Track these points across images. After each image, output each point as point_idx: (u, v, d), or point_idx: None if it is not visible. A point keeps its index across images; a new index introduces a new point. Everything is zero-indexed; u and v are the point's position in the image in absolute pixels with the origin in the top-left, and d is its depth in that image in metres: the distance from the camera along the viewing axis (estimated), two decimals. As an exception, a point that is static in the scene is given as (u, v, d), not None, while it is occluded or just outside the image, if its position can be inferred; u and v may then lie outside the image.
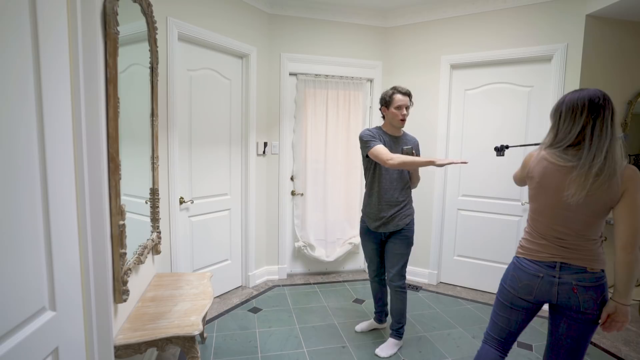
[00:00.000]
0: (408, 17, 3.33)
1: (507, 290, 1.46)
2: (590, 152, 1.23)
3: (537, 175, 1.35)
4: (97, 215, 1.22)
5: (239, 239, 3.20)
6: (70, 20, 1.08)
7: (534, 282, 1.38)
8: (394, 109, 2.18)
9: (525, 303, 1.42)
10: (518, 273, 1.42)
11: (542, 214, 1.37)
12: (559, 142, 1.31)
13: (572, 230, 1.31)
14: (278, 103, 3.29)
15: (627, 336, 2.51)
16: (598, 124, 1.24)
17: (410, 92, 2.22)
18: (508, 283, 1.46)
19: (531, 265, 1.39)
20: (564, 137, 1.29)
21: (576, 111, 1.27)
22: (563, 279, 1.32)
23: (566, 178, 1.27)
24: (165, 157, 2.41)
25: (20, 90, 0.86)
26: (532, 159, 1.39)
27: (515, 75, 2.99)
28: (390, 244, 2.27)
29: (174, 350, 2.23)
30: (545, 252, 1.36)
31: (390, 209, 2.21)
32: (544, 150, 1.36)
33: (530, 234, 1.43)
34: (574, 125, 1.27)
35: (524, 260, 1.42)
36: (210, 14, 2.68)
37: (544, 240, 1.37)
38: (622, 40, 2.76)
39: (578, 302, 1.31)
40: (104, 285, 1.27)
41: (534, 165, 1.37)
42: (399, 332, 2.33)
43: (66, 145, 1.06)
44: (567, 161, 1.27)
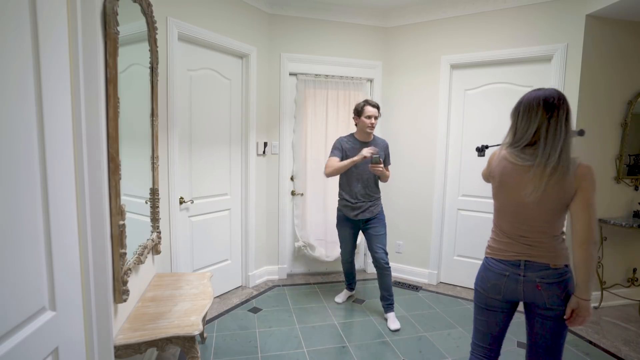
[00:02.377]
0: (408, 17, 3.33)
1: (479, 292, 1.49)
2: (545, 151, 1.26)
3: (498, 174, 1.39)
4: (97, 215, 1.22)
5: (239, 239, 3.20)
6: (70, 20, 1.08)
7: (501, 281, 1.40)
8: (364, 118, 2.59)
9: (497, 303, 1.44)
10: (486, 273, 1.45)
11: (504, 213, 1.40)
12: (517, 141, 1.34)
13: (534, 228, 1.34)
14: (278, 103, 3.29)
15: (627, 336, 2.51)
16: (552, 123, 1.26)
17: (378, 105, 2.64)
18: (479, 284, 1.49)
19: (497, 264, 1.42)
20: (521, 137, 1.33)
21: (532, 111, 1.30)
22: (527, 277, 1.35)
23: (524, 177, 1.30)
24: (165, 157, 2.41)
25: (20, 90, 0.86)
26: (494, 158, 1.43)
27: (515, 75, 2.99)
28: (371, 229, 2.69)
29: (174, 350, 2.23)
30: (511, 251, 1.39)
31: (365, 202, 2.67)
32: (504, 150, 1.39)
33: (496, 233, 1.46)
34: (530, 125, 1.30)
35: (491, 260, 1.45)
36: (210, 14, 2.68)
37: (509, 239, 1.40)
38: (622, 40, 2.76)
39: (543, 298, 1.33)
40: (104, 285, 1.27)
41: (495, 165, 1.41)
42: (392, 304, 2.72)
43: (66, 145, 1.06)
44: (524, 160, 1.31)
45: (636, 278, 2.99)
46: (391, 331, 2.53)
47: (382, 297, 2.72)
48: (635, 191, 2.96)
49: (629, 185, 2.94)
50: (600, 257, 2.92)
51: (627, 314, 2.85)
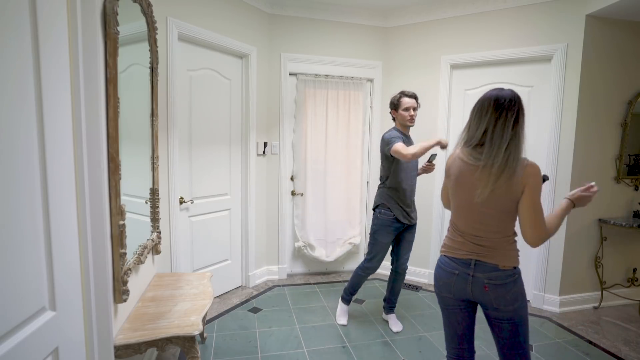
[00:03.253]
0: (408, 17, 3.33)
1: (436, 292, 1.50)
2: (490, 151, 1.29)
3: (453, 173, 1.40)
4: (97, 215, 1.22)
5: (239, 239, 3.20)
6: (70, 20, 1.08)
7: (451, 279, 1.41)
8: (402, 111, 2.40)
9: (451, 301, 1.45)
10: (438, 272, 1.47)
11: (460, 212, 1.41)
12: (469, 140, 1.37)
13: (486, 227, 1.35)
14: (278, 103, 3.29)
15: (627, 336, 2.51)
16: (499, 124, 1.28)
17: (416, 95, 2.43)
18: (435, 284, 1.50)
19: (449, 262, 1.43)
20: (472, 136, 1.35)
21: (483, 110, 1.32)
22: (476, 277, 1.36)
23: (474, 176, 1.32)
24: (165, 157, 2.40)
25: (20, 90, 0.86)
26: (449, 159, 1.45)
27: (515, 75, 2.99)
28: (407, 234, 2.55)
29: (174, 350, 2.23)
30: (463, 250, 1.40)
31: (414, 204, 2.52)
32: (458, 149, 1.41)
33: (451, 232, 1.47)
34: (480, 124, 1.32)
35: (444, 258, 1.46)
36: (210, 14, 2.68)
37: (462, 238, 1.41)
38: (622, 40, 2.76)
39: (491, 299, 1.34)
40: (104, 285, 1.27)
41: (450, 164, 1.43)
42: (395, 306, 2.68)
43: (66, 145, 1.06)
44: (475, 160, 1.32)
45: (636, 278, 2.99)
46: (394, 333, 2.51)
47: (387, 299, 2.66)
48: (635, 191, 2.96)
49: (629, 185, 2.94)
50: (600, 257, 2.92)
51: (627, 314, 2.85)
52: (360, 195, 3.59)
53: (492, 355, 2.23)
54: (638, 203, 2.95)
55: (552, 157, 2.83)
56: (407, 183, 2.43)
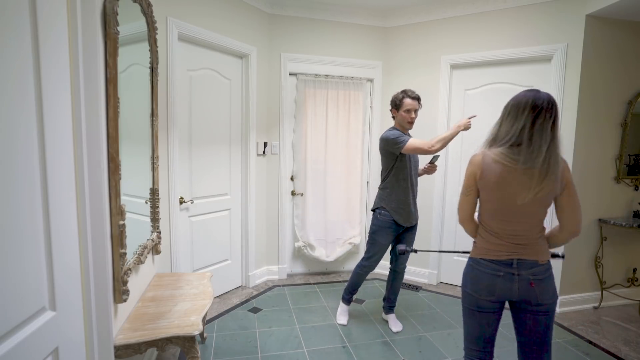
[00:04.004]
0: (408, 17, 3.33)
1: (469, 295, 1.45)
2: (529, 151, 1.28)
3: (493, 177, 1.34)
4: (97, 215, 1.22)
5: (239, 239, 3.20)
6: (70, 20, 1.08)
7: (495, 281, 1.38)
8: (403, 112, 2.36)
9: (489, 304, 1.42)
10: (478, 275, 1.42)
11: (496, 214, 1.38)
12: (500, 139, 1.35)
13: (526, 225, 1.36)
14: (278, 103, 3.29)
15: (627, 336, 2.51)
16: (538, 124, 1.28)
17: (419, 97, 2.38)
18: (469, 287, 1.45)
19: (489, 265, 1.40)
20: (505, 135, 1.34)
21: (519, 109, 1.31)
22: (521, 275, 1.36)
23: (515, 178, 1.31)
24: (165, 157, 2.40)
25: (20, 90, 0.86)
26: (482, 162, 1.37)
27: (515, 75, 2.99)
28: (408, 235, 2.52)
29: (174, 350, 2.23)
30: (502, 251, 1.38)
31: (415, 204, 2.47)
32: (489, 151, 1.37)
33: (484, 234, 1.43)
34: (516, 122, 1.31)
35: (481, 260, 1.42)
36: (210, 13, 2.67)
37: (499, 239, 1.39)
38: (622, 40, 2.76)
39: (536, 294, 1.35)
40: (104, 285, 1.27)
41: (486, 168, 1.36)
42: (394, 306, 2.67)
43: (66, 145, 1.06)
44: (512, 160, 1.31)
45: (636, 278, 2.99)
46: (394, 333, 2.51)
47: (387, 298, 2.66)
48: (635, 191, 2.96)
49: (629, 185, 2.94)
50: (600, 257, 2.92)
51: (627, 314, 2.85)
52: (360, 195, 3.59)
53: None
54: (638, 203, 2.95)
55: (552, 157, 2.83)
56: (408, 183, 2.39)
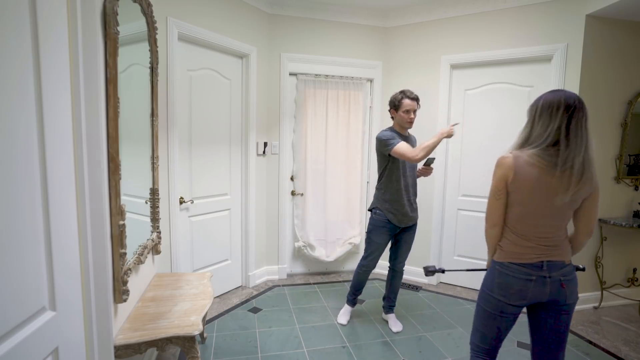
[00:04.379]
0: (408, 17, 3.33)
1: (495, 299, 1.40)
2: (567, 152, 1.27)
3: (529, 179, 1.31)
4: (97, 215, 1.22)
5: (239, 239, 3.20)
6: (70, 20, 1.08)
7: (527, 285, 1.35)
8: (402, 113, 2.35)
9: (515, 309, 1.40)
10: (507, 280, 1.38)
11: (527, 217, 1.35)
12: (534, 140, 1.32)
13: (556, 227, 1.35)
14: (278, 103, 3.29)
15: (627, 336, 2.51)
16: (573, 124, 1.27)
17: (418, 97, 2.37)
18: (497, 292, 1.40)
19: (520, 269, 1.36)
20: (539, 136, 1.31)
21: (552, 109, 1.29)
22: (553, 276, 1.35)
23: (552, 180, 1.29)
24: (165, 157, 2.40)
25: (20, 90, 0.86)
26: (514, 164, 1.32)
27: (515, 75, 2.99)
28: (405, 236, 2.52)
29: (174, 350, 2.23)
30: (532, 254, 1.36)
31: (411, 205, 2.45)
32: (522, 153, 1.32)
33: (512, 237, 1.39)
34: (551, 123, 1.28)
35: (510, 265, 1.38)
36: (210, 13, 2.67)
37: (528, 242, 1.36)
38: (622, 40, 2.76)
39: (565, 295, 1.36)
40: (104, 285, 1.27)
41: (520, 170, 1.31)
42: (394, 306, 2.67)
43: (66, 145, 1.06)
44: (549, 162, 1.28)
45: (636, 278, 2.99)
46: (394, 333, 2.51)
47: (386, 297, 2.67)
48: (635, 191, 2.96)
49: (629, 185, 2.94)
50: (600, 257, 2.92)
51: (627, 314, 2.85)
52: (360, 195, 3.59)
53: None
54: (638, 203, 2.95)
55: (552, 157, 2.83)
56: (403, 184, 2.38)
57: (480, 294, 1.48)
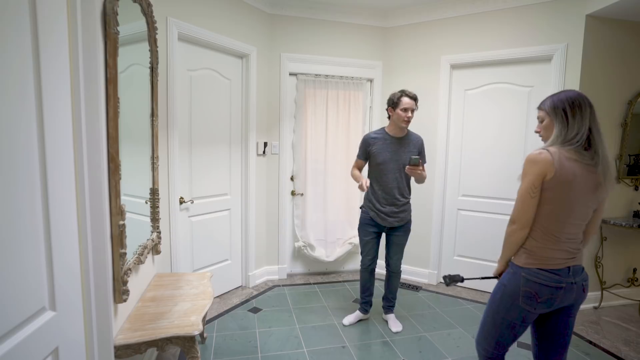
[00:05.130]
0: (408, 17, 3.33)
1: (520, 308, 1.33)
2: (598, 152, 1.27)
3: (571, 175, 1.25)
4: (97, 215, 1.22)
5: (239, 239, 3.20)
6: (70, 20, 1.08)
7: (556, 294, 1.30)
8: (400, 111, 2.32)
9: (535, 316, 1.36)
10: (536, 288, 1.30)
11: (561, 216, 1.29)
12: (570, 139, 1.27)
13: (581, 228, 1.34)
14: (278, 103, 3.29)
15: (627, 336, 2.51)
16: (596, 124, 1.29)
17: (416, 97, 2.37)
18: (523, 301, 1.31)
19: (551, 276, 1.29)
20: (575, 135, 1.27)
21: (582, 110, 1.29)
22: (577, 282, 1.33)
23: (593, 176, 1.28)
24: (165, 157, 2.40)
25: (20, 90, 0.86)
26: (553, 160, 1.25)
27: (515, 76, 2.99)
28: (394, 237, 2.50)
29: (174, 350, 2.23)
30: (560, 258, 1.31)
31: (393, 207, 2.41)
32: (557, 149, 1.27)
33: (543, 240, 1.31)
34: (583, 124, 1.28)
35: (538, 272, 1.30)
36: (210, 14, 2.67)
37: (557, 245, 1.31)
38: (622, 40, 2.76)
39: (583, 298, 1.36)
40: (104, 285, 1.27)
41: (560, 166, 1.24)
42: (394, 306, 2.67)
43: (66, 145, 1.06)
44: (589, 160, 1.27)
45: (636, 278, 2.99)
46: (393, 333, 2.51)
47: (385, 297, 2.67)
48: (635, 191, 2.96)
49: (629, 185, 2.94)
50: (600, 257, 2.92)
51: (627, 314, 2.85)
52: (360, 195, 3.58)
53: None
54: (638, 203, 2.95)
55: (552, 157, 2.83)
56: (381, 184, 2.39)
57: (498, 302, 1.38)
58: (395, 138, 2.39)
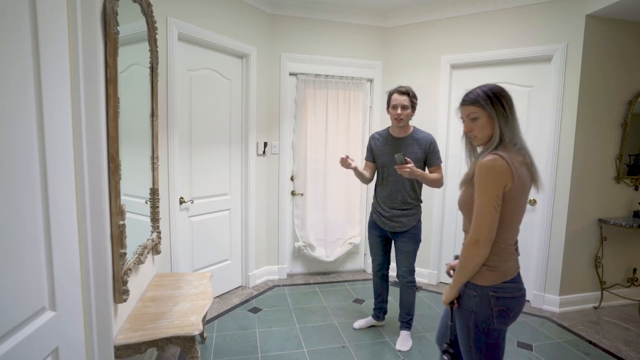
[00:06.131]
0: (408, 17, 3.33)
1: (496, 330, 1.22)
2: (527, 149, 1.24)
3: (525, 181, 1.20)
4: (97, 215, 1.22)
5: (239, 239, 3.20)
6: (70, 20, 1.08)
7: (522, 302, 1.25)
8: (390, 109, 2.25)
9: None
10: (507, 304, 1.21)
11: (515, 223, 1.24)
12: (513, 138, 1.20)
13: None
14: (278, 103, 3.29)
15: (627, 336, 2.51)
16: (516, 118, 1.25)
17: (409, 91, 2.20)
18: (496, 321, 1.21)
19: (513, 286, 1.22)
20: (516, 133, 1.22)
21: (512, 104, 1.23)
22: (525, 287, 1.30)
23: (529, 178, 1.23)
24: (165, 157, 2.41)
25: (20, 90, 0.86)
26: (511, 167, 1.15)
27: (515, 76, 2.99)
28: (398, 243, 2.34)
29: (174, 350, 2.23)
30: (516, 265, 1.26)
31: (394, 211, 2.30)
32: (505, 152, 1.17)
33: (503, 249, 1.22)
34: (516, 120, 1.23)
35: (504, 286, 1.21)
36: (210, 13, 2.68)
37: (513, 254, 1.26)
38: (622, 40, 2.76)
39: None
40: (104, 285, 1.27)
41: (517, 173, 1.17)
42: (409, 323, 2.40)
43: (66, 145, 1.06)
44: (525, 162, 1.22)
45: (636, 278, 2.99)
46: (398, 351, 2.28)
47: (399, 315, 2.43)
48: (635, 191, 2.96)
49: (629, 185, 2.94)
50: (600, 257, 2.92)
51: (627, 314, 2.85)
52: (360, 195, 3.58)
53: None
54: (638, 203, 2.95)
55: (552, 157, 2.83)
56: (383, 186, 2.32)
57: (474, 332, 1.23)
58: (397, 138, 2.28)
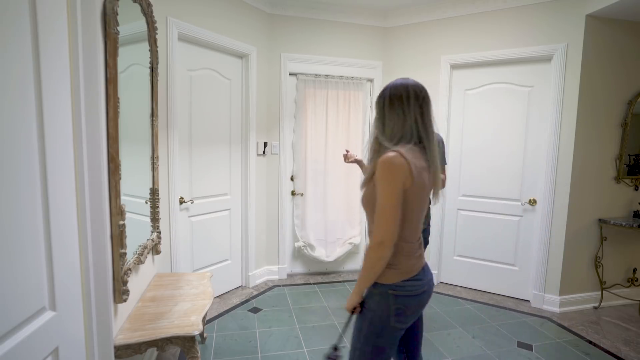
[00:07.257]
0: (408, 17, 3.33)
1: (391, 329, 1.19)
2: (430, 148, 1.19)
3: (422, 177, 1.16)
4: (97, 215, 1.22)
5: (239, 239, 3.20)
6: (70, 21, 1.08)
7: (422, 299, 1.22)
8: None
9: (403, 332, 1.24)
10: (405, 301, 1.18)
11: (416, 222, 1.22)
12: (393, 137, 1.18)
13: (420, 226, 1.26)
14: (278, 103, 3.29)
15: (627, 336, 2.51)
16: (426, 116, 1.19)
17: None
18: (393, 320, 1.18)
19: (414, 283, 1.19)
20: (398, 131, 1.18)
21: (402, 100, 1.17)
22: (430, 279, 1.27)
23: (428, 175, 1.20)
24: (165, 157, 2.40)
25: (20, 90, 0.86)
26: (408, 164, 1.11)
27: (515, 76, 2.99)
28: None
29: (174, 350, 2.23)
30: (419, 262, 1.24)
31: None
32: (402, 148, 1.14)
33: (404, 249, 1.20)
34: (406, 117, 1.17)
35: (404, 284, 1.18)
36: (210, 13, 2.68)
37: (416, 251, 1.23)
38: (622, 40, 2.76)
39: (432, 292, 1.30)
40: (104, 285, 1.27)
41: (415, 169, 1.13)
42: None
43: (66, 145, 1.06)
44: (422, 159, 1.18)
45: (636, 278, 2.99)
46: None
47: None
48: (635, 191, 2.96)
49: (629, 185, 2.94)
50: (600, 257, 2.92)
51: (627, 314, 2.85)
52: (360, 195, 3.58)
53: (492, 356, 2.23)
54: (638, 203, 2.95)
55: (552, 157, 2.83)
56: None
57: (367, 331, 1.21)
58: None
